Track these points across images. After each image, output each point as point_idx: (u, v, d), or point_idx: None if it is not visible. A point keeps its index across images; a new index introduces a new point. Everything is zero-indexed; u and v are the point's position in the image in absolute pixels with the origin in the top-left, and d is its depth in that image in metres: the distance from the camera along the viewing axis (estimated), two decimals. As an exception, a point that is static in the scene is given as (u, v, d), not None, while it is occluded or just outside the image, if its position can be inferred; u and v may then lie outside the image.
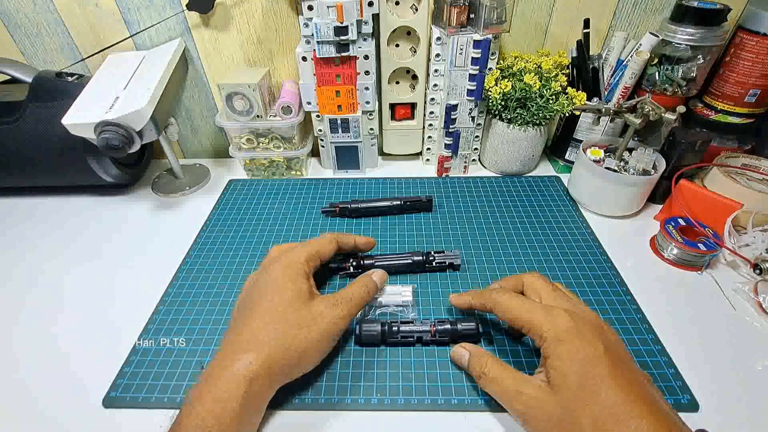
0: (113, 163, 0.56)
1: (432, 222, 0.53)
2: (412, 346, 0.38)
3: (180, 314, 0.42)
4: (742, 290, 0.43)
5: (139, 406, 0.35)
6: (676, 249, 0.46)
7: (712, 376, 0.36)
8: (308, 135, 0.64)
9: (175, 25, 0.57)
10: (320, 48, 0.50)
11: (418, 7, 0.52)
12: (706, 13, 0.50)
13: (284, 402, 0.34)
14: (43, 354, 0.39)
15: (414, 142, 0.65)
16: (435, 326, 0.38)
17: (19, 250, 0.51)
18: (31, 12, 0.55)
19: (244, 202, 0.58)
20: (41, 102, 0.52)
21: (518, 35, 0.59)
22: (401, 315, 0.41)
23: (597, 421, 0.26)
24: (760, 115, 0.55)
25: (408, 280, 0.45)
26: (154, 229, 0.55)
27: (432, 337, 0.38)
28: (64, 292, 0.46)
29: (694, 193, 0.49)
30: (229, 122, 0.57)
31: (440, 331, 0.38)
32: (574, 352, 0.29)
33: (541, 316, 0.31)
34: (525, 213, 0.54)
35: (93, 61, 0.59)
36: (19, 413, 0.35)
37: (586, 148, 0.54)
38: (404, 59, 0.57)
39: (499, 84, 0.53)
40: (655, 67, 0.55)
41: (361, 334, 0.38)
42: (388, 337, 0.38)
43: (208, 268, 0.48)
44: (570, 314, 0.31)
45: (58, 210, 0.58)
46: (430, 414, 0.34)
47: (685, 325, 0.41)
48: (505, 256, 0.48)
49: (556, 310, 0.31)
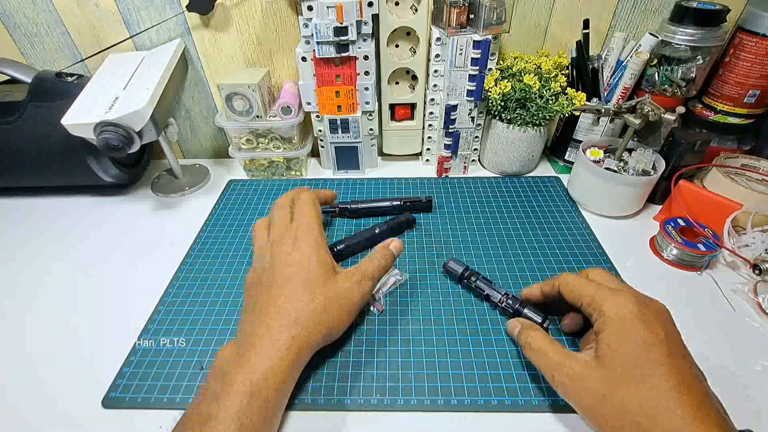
0: (113, 163, 0.56)
1: (432, 222, 0.53)
2: (481, 299, 0.42)
3: (180, 314, 0.42)
4: (742, 291, 0.43)
5: (139, 406, 0.35)
6: (675, 249, 0.46)
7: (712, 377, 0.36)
8: (308, 135, 0.64)
9: (175, 26, 0.57)
10: (320, 48, 0.50)
11: (417, 7, 0.52)
12: (705, 13, 0.50)
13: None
14: (42, 354, 0.39)
15: (414, 143, 0.65)
16: (506, 297, 0.40)
17: (17, 251, 0.51)
18: (30, 12, 0.55)
19: (243, 203, 0.58)
20: (41, 102, 0.52)
21: (518, 36, 0.59)
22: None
23: (644, 404, 0.26)
24: (760, 115, 0.55)
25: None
26: (153, 230, 0.54)
27: (499, 303, 0.41)
28: (63, 292, 0.46)
29: (694, 194, 0.49)
30: (229, 122, 0.57)
31: (509, 304, 0.40)
32: (633, 332, 0.29)
33: (606, 293, 0.32)
34: (525, 213, 0.55)
35: (93, 61, 0.59)
36: (19, 414, 0.35)
37: (585, 148, 0.54)
38: (404, 60, 0.57)
39: (499, 84, 0.53)
40: (655, 67, 0.55)
41: (446, 266, 0.44)
42: (465, 279, 0.43)
43: (208, 268, 0.48)
44: (636, 297, 0.31)
45: (57, 210, 0.58)
46: (430, 414, 0.34)
47: (684, 325, 0.40)
48: (505, 256, 0.48)
49: (622, 292, 0.32)
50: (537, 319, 0.38)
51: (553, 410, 0.34)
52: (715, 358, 0.38)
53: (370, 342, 0.39)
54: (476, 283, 0.42)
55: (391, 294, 0.44)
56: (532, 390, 0.35)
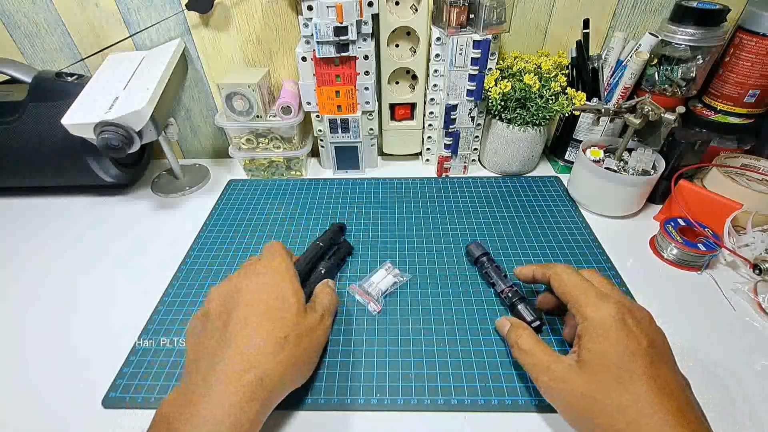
0: (113, 163, 0.56)
1: (432, 222, 0.53)
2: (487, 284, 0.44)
3: (180, 314, 0.42)
4: (742, 290, 0.43)
5: (139, 406, 0.35)
6: (675, 249, 0.46)
7: (712, 377, 0.36)
8: (308, 135, 0.64)
9: (175, 25, 0.57)
10: (320, 48, 0.50)
11: (417, 7, 0.52)
12: (705, 13, 0.50)
13: (284, 402, 0.34)
14: (42, 354, 0.39)
15: (414, 143, 0.65)
16: (509, 290, 0.41)
17: (18, 251, 0.51)
18: (30, 12, 0.55)
19: (243, 202, 0.58)
20: (41, 102, 0.52)
21: (518, 35, 0.59)
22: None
23: (624, 410, 0.27)
24: (760, 115, 0.55)
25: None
26: (154, 229, 0.54)
27: (500, 294, 0.42)
28: (63, 292, 0.46)
29: (694, 194, 0.49)
30: (229, 122, 0.57)
31: (508, 296, 0.41)
32: (614, 340, 0.29)
33: (592, 297, 0.32)
34: (525, 213, 0.55)
35: (93, 61, 0.59)
36: (19, 414, 0.35)
37: (585, 148, 0.54)
38: (404, 59, 0.57)
39: (499, 84, 0.53)
40: (655, 67, 0.55)
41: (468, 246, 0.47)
42: (478, 263, 0.45)
43: (208, 268, 0.48)
44: (621, 305, 0.31)
45: (57, 210, 0.58)
46: (430, 414, 0.34)
47: (684, 325, 0.41)
48: (505, 256, 0.48)
49: (608, 297, 0.32)
50: (528, 318, 0.39)
51: (553, 410, 0.34)
52: (715, 357, 0.38)
53: (370, 342, 0.39)
54: (487, 269, 0.44)
55: (391, 294, 0.44)
56: (532, 390, 0.35)
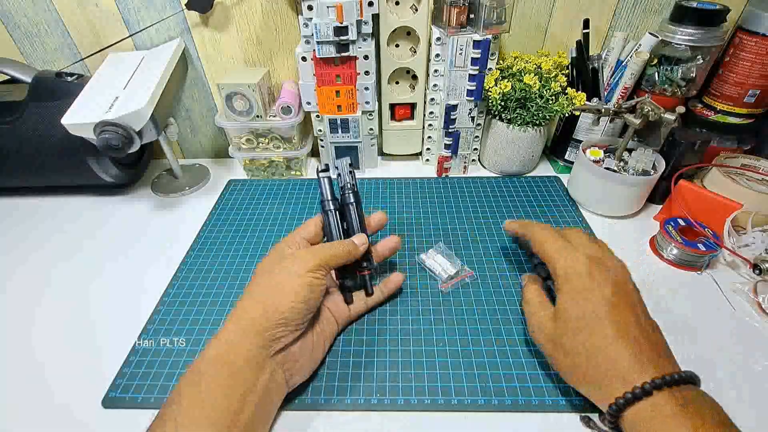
0: (113, 163, 0.56)
1: (432, 222, 0.53)
2: None
3: (180, 314, 0.42)
4: (742, 290, 0.43)
5: (139, 406, 0.35)
6: (675, 249, 0.46)
7: (712, 377, 0.36)
8: (308, 135, 0.64)
9: (175, 25, 0.57)
10: (320, 48, 0.50)
11: (418, 7, 0.52)
12: (705, 13, 0.50)
13: (284, 402, 0.34)
14: (42, 354, 0.39)
15: (414, 143, 0.65)
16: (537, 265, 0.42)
17: (18, 251, 0.51)
18: (30, 12, 0.55)
19: (243, 202, 0.58)
20: (41, 102, 0.52)
21: (518, 35, 0.59)
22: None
23: (590, 352, 0.30)
24: (760, 115, 0.55)
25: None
26: (153, 229, 0.54)
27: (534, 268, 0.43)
28: (63, 292, 0.46)
29: (694, 194, 0.49)
30: (229, 122, 0.57)
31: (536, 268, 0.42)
32: (577, 291, 0.32)
33: (561, 254, 0.35)
34: (525, 213, 0.54)
35: (93, 61, 0.59)
36: (20, 413, 0.35)
37: (585, 148, 0.54)
38: (404, 59, 0.57)
39: (499, 84, 0.53)
40: (655, 67, 0.55)
41: None
42: None
43: (208, 268, 0.48)
44: (589, 258, 0.34)
45: (57, 210, 0.58)
46: (430, 414, 0.34)
47: (684, 325, 0.41)
48: (505, 256, 0.48)
49: (577, 253, 0.34)
50: (543, 274, 0.40)
51: (553, 410, 0.34)
52: (715, 357, 0.38)
53: (370, 342, 0.39)
54: None
55: (391, 294, 0.43)
56: (533, 390, 0.35)
